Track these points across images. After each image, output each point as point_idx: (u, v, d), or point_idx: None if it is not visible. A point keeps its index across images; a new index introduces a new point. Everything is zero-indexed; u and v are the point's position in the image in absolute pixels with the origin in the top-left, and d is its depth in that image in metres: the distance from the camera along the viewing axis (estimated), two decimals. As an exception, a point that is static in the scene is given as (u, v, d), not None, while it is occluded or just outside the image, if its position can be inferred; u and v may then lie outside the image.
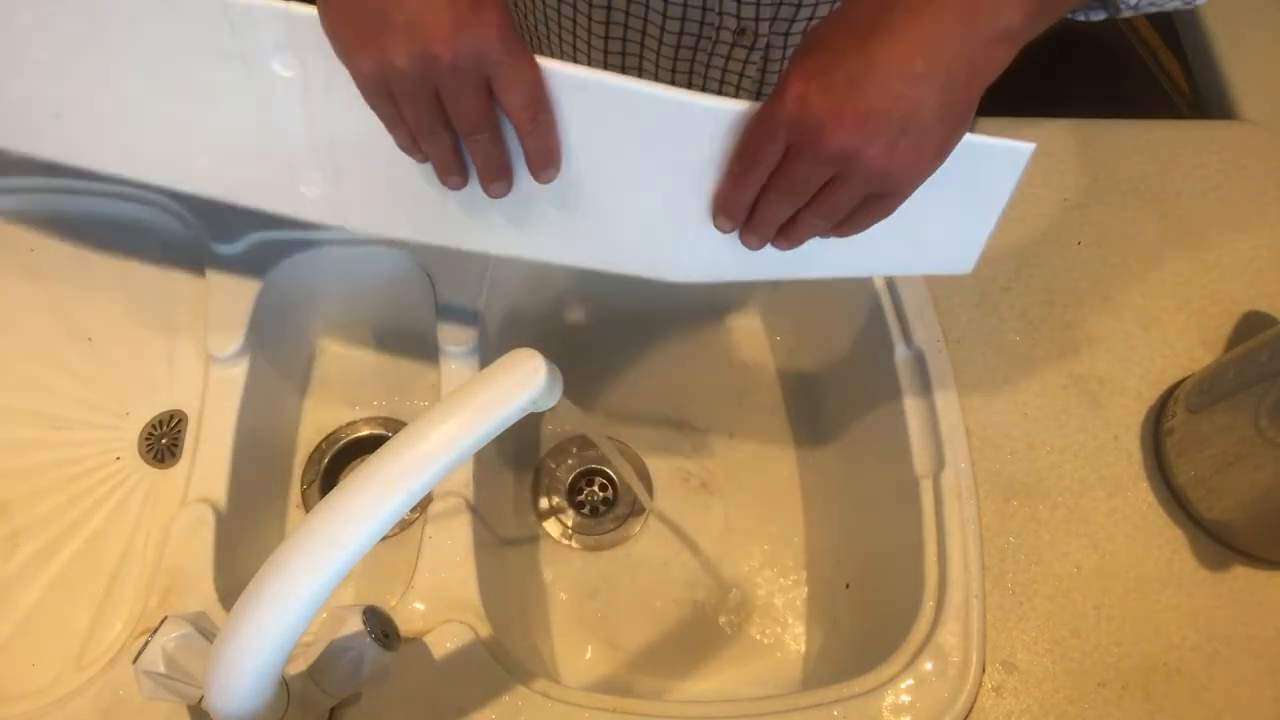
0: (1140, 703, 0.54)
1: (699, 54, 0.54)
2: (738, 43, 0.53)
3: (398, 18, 0.37)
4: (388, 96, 0.40)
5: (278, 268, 0.65)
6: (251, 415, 0.62)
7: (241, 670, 0.37)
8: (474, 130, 0.42)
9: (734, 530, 0.74)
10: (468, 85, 0.39)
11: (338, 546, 0.37)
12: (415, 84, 0.39)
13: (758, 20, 0.51)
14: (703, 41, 0.53)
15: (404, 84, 0.39)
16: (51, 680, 0.57)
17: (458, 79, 0.39)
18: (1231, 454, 0.56)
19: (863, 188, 0.40)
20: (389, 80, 0.39)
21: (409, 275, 0.67)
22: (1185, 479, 0.59)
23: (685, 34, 0.53)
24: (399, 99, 0.40)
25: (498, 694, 0.52)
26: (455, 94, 0.39)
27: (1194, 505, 0.59)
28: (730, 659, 0.69)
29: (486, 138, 0.42)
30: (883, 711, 0.52)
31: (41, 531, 0.63)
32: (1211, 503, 0.58)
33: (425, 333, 0.75)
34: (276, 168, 0.52)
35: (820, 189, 0.41)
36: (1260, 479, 0.55)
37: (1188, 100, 0.87)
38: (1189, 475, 0.59)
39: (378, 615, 0.46)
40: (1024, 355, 0.65)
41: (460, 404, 0.40)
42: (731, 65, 0.54)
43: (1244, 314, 0.67)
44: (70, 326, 0.69)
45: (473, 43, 0.38)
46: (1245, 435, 0.55)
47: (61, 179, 0.68)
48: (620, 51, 0.54)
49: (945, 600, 0.55)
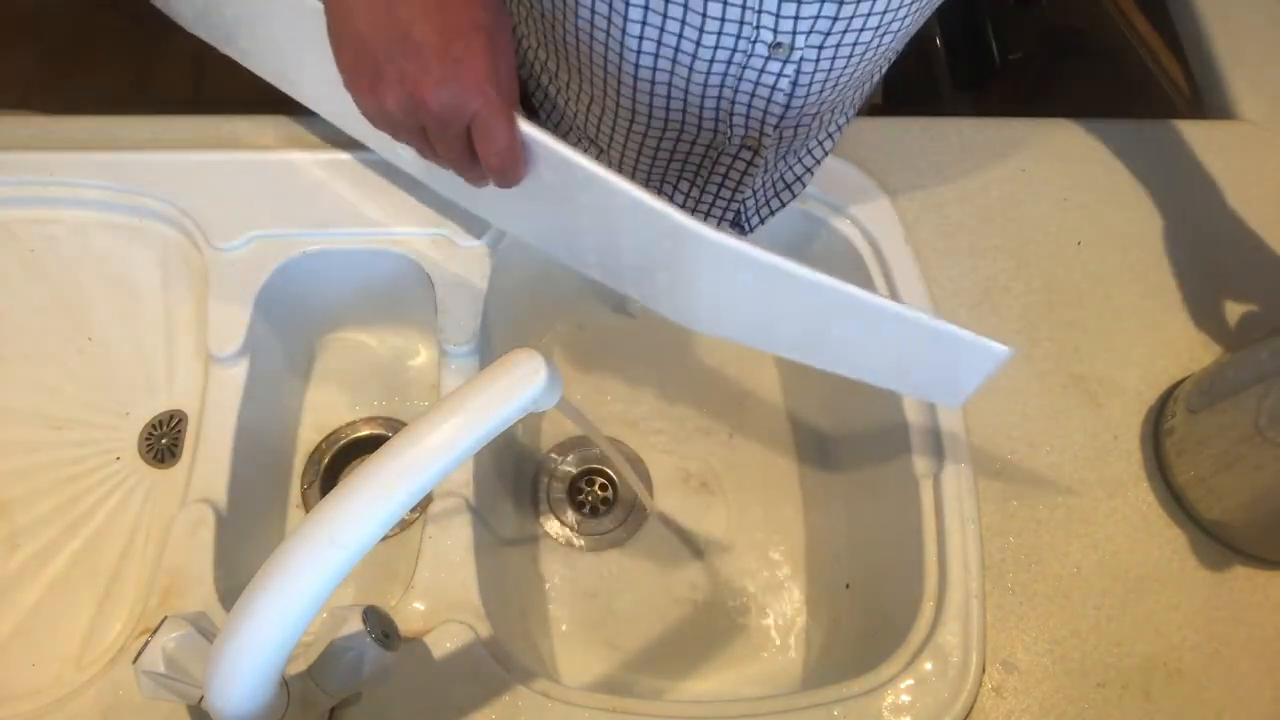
0: (1140, 703, 0.54)
1: (732, 68, 0.54)
2: (772, 56, 0.53)
3: (390, 72, 0.44)
4: (387, 127, 0.47)
5: (278, 268, 0.65)
6: (251, 415, 0.62)
7: (241, 670, 0.37)
8: (457, 165, 0.48)
9: (734, 530, 0.74)
10: (449, 131, 0.45)
11: (338, 546, 0.37)
12: (406, 124, 0.46)
13: (794, 34, 0.51)
14: (736, 56, 0.53)
15: (396, 123, 0.46)
16: (51, 680, 0.57)
17: (440, 125, 0.45)
18: (1231, 454, 0.56)
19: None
20: (385, 119, 0.46)
21: (409, 275, 0.67)
22: (1185, 479, 0.60)
23: (720, 48, 0.53)
24: (395, 131, 0.48)
25: (498, 694, 0.52)
26: (438, 137, 0.46)
27: (1194, 505, 0.59)
28: (730, 659, 0.69)
29: (470, 171, 0.49)
30: (883, 711, 0.52)
31: (41, 531, 0.63)
32: (1211, 503, 0.58)
33: (425, 333, 0.75)
34: None
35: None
36: (1260, 479, 0.55)
37: (1187, 100, 0.87)
38: (1189, 475, 0.59)
39: (378, 615, 0.46)
40: (1024, 355, 0.65)
41: (460, 404, 0.40)
42: (764, 79, 0.54)
43: (1244, 314, 0.67)
44: (70, 326, 0.69)
45: (453, 97, 0.43)
46: (1245, 435, 0.55)
47: (61, 179, 0.68)
48: (654, 53, 0.54)
49: (945, 600, 0.55)
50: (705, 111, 0.58)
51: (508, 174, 0.48)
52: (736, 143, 0.60)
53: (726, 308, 0.53)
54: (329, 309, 0.73)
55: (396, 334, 0.75)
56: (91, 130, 0.70)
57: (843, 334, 0.52)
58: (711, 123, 0.59)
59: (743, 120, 0.58)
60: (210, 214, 0.66)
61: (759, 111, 0.57)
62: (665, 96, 0.57)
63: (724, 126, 0.59)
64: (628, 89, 0.58)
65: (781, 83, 0.54)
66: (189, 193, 0.67)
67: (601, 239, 0.54)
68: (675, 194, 0.67)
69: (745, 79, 0.55)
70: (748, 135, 0.60)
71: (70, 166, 0.68)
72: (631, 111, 0.60)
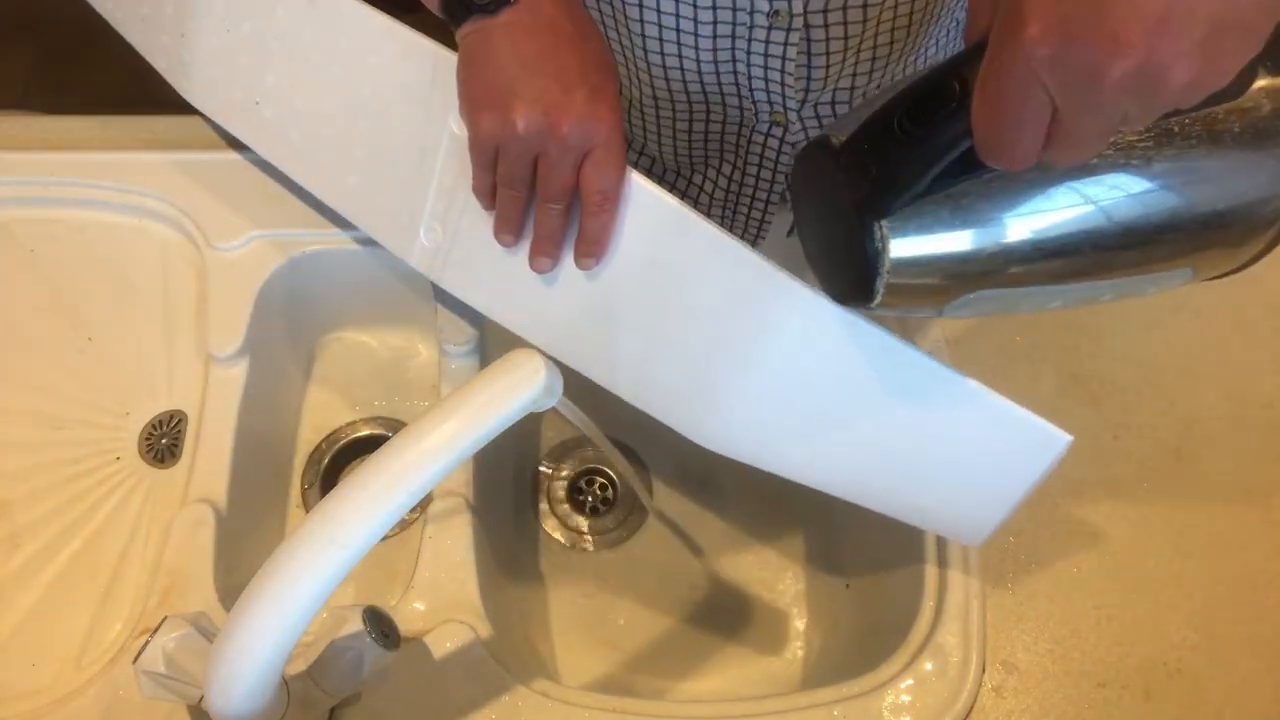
0: (1140, 703, 0.54)
1: (737, 40, 0.54)
2: (774, 25, 0.52)
3: (527, 91, 0.44)
4: (492, 150, 0.47)
5: (278, 268, 0.65)
6: (251, 415, 0.62)
7: (241, 670, 0.37)
8: (553, 199, 0.47)
9: (734, 530, 0.74)
10: (568, 160, 0.46)
11: (338, 546, 0.37)
12: (524, 146, 0.45)
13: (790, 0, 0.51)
14: (738, 28, 0.53)
15: (514, 143, 0.45)
16: (51, 680, 0.57)
17: (563, 151, 0.45)
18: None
19: (1161, 110, 0.32)
20: (503, 137, 0.46)
21: (409, 275, 0.67)
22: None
23: (720, 22, 0.52)
24: (501, 153, 0.47)
25: (498, 694, 0.52)
26: (554, 163, 0.46)
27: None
28: (730, 659, 0.69)
29: (559, 209, 0.48)
30: (883, 711, 0.52)
31: (41, 532, 0.63)
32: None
33: (425, 333, 0.75)
34: (410, 209, 0.56)
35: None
36: None
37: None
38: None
39: (378, 615, 0.46)
40: (1024, 355, 0.65)
41: (460, 404, 0.40)
42: (772, 50, 0.54)
43: (1244, 314, 0.67)
44: (70, 326, 0.69)
45: (589, 126, 0.44)
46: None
47: (61, 179, 0.68)
48: (658, 37, 0.54)
49: (945, 600, 0.55)
50: (725, 89, 0.58)
51: (604, 210, 0.48)
52: (766, 120, 0.60)
53: (784, 400, 0.51)
54: (329, 309, 0.73)
55: (396, 334, 0.75)
56: (91, 130, 0.70)
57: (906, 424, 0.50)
58: (735, 100, 0.59)
59: (764, 96, 0.57)
60: (210, 214, 0.66)
61: (776, 85, 0.56)
62: (681, 79, 0.57)
63: (747, 104, 0.59)
64: (644, 73, 0.58)
65: (790, 53, 0.54)
66: (189, 193, 0.67)
67: (647, 345, 0.52)
68: (719, 176, 0.66)
69: (754, 51, 0.54)
70: (774, 111, 0.59)
71: (70, 166, 0.68)
72: (654, 97, 0.60)
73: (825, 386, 0.50)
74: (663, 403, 0.54)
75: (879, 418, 0.50)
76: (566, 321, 0.54)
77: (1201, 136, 0.38)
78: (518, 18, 0.45)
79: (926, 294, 0.42)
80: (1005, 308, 0.44)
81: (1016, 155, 0.34)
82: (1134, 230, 0.40)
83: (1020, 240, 0.40)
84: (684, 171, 0.68)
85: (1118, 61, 0.29)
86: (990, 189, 0.39)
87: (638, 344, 0.52)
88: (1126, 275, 0.42)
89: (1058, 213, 0.39)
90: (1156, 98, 0.30)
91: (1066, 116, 0.32)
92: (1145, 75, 0.30)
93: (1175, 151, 0.39)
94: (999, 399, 0.48)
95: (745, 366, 0.50)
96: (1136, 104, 0.31)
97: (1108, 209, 0.39)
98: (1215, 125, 0.38)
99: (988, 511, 0.52)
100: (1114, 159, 0.39)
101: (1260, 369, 0.64)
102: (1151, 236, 0.40)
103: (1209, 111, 0.38)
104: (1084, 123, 0.32)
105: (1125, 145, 0.38)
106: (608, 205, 0.47)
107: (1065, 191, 0.39)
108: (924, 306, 0.44)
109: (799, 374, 0.50)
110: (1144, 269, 0.42)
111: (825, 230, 0.43)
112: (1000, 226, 0.39)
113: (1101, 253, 0.40)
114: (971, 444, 0.50)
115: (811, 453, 0.52)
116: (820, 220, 0.44)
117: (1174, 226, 0.40)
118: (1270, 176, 0.40)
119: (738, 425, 0.52)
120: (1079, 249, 0.40)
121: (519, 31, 0.45)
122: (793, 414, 0.51)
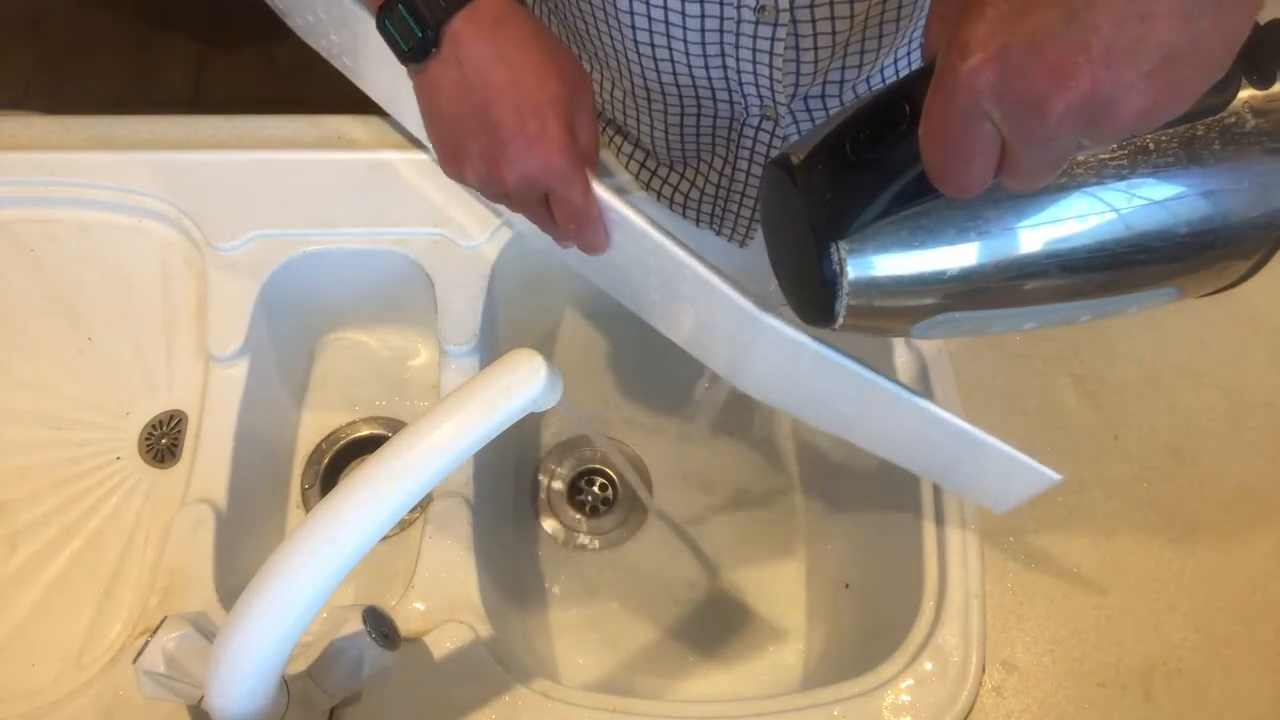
0: (1140, 703, 0.54)
1: (725, 34, 0.54)
2: (761, 20, 0.52)
3: (471, 148, 0.47)
4: (476, 191, 0.51)
5: (278, 268, 0.65)
6: (251, 415, 0.62)
7: (241, 670, 0.37)
8: (540, 225, 0.51)
9: (734, 530, 0.74)
10: (529, 199, 0.49)
11: (338, 546, 0.37)
12: (489, 193, 0.50)
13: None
14: (726, 23, 0.53)
15: (481, 190, 0.50)
16: (51, 680, 0.57)
17: (518, 195, 0.48)
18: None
19: (1116, 139, 0.32)
20: (473, 185, 0.50)
21: (409, 275, 0.67)
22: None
23: (708, 16, 0.53)
24: (480, 194, 0.52)
25: (498, 694, 0.52)
26: (519, 205, 0.49)
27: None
28: (730, 659, 0.69)
29: (554, 232, 0.51)
30: (883, 711, 0.52)
31: (41, 532, 0.63)
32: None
33: (425, 333, 0.75)
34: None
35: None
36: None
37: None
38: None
39: (378, 615, 0.46)
40: (1024, 355, 0.65)
41: (460, 404, 0.40)
42: (760, 44, 0.54)
43: (1244, 313, 0.67)
44: (70, 326, 0.69)
45: (526, 172, 0.46)
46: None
47: (61, 179, 0.68)
48: (647, 29, 0.54)
49: (945, 600, 0.55)
50: (715, 83, 0.58)
51: (585, 237, 0.50)
52: (756, 114, 0.60)
53: (783, 386, 0.53)
54: (329, 309, 0.73)
55: (396, 334, 0.75)
56: (91, 130, 0.70)
57: (895, 429, 0.52)
58: (725, 94, 0.59)
59: (754, 90, 0.58)
60: (210, 214, 0.66)
61: (766, 80, 0.57)
62: (671, 72, 0.57)
63: (737, 98, 0.59)
64: (636, 66, 0.58)
65: (778, 48, 0.54)
66: (189, 193, 0.67)
67: (668, 305, 0.55)
68: (710, 170, 0.67)
69: (742, 45, 0.54)
70: (764, 106, 0.59)
71: (70, 166, 0.68)
72: (645, 90, 0.60)
73: (814, 401, 0.53)
74: (702, 353, 0.57)
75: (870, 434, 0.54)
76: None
77: (1178, 153, 0.36)
78: (444, 72, 0.46)
79: (891, 316, 0.40)
80: (977, 329, 0.43)
81: (964, 184, 0.33)
82: (1104, 251, 0.38)
83: (982, 262, 0.38)
84: (676, 165, 0.68)
85: (1061, 95, 0.28)
86: (951, 209, 0.37)
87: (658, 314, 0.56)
88: (1101, 297, 0.40)
89: (1021, 233, 0.37)
90: (1105, 129, 0.30)
91: (1013, 148, 0.31)
92: (1091, 108, 0.28)
93: (1150, 170, 0.37)
94: (987, 438, 0.48)
95: (741, 369, 0.52)
96: (1086, 135, 0.30)
97: (1075, 230, 0.37)
98: (1194, 141, 0.37)
99: (1011, 493, 0.53)
100: (1082, 178, 0.37)
101: (1260, 369, 0.65)
102: (1124, 257, 0.38)
103: (1188, 127, 0.37)
104: (1032, 154, 0.31)
105: (1096, 164, 0.37)
106: (586, 225, 0.49)
107: (1029, 211, 0.37)
108: (891, 328, 0.43)
109: (781, 393, 0.54)
110: (1119, 290, 0.40)
111: (789, 249, 0.42)
112: (961, 248, 0.38)
113: (1070, 275, 0.38)
114: (962, 467, 0.52)
115: (844, 424, 0.55)
116: (784, 239, 0.43)
117: (1148, 248, 0.38)
118: (1255, 194, 0.38)
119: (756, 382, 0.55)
120: (1046, 271, 0.38)
121: (451, 88, 0.46)
122: (804, 399, 0.54)
